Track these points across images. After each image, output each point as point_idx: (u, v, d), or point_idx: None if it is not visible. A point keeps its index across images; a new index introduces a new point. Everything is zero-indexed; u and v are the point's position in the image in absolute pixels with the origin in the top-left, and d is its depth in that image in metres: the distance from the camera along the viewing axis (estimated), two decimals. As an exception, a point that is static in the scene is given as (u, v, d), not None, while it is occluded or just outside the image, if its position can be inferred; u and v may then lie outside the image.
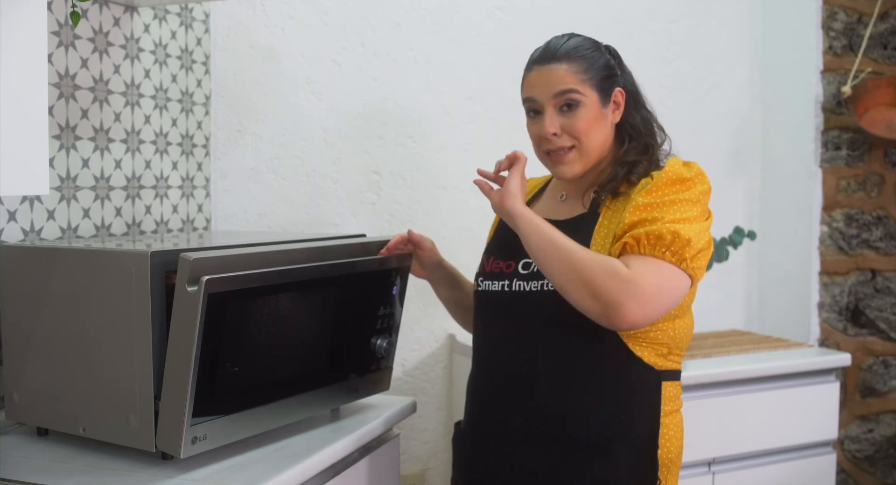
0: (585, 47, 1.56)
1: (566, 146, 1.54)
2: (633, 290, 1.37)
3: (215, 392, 1.34)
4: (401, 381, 2.55)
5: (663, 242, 1.40)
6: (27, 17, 1.26)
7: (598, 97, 1.53)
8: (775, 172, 2.99)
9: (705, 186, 1.50)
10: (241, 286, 1.33)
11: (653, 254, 1.40)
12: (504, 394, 1.55)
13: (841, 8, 2.86)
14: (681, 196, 1.46)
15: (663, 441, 1.51)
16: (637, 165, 1.53)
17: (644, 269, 1.39)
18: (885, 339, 2.89)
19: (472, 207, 2.64)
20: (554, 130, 1.53)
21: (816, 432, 2.53)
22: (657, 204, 1.44)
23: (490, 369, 1.59)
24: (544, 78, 1.54)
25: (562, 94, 1.52)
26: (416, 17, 2.55)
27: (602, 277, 1.38)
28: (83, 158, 1.83)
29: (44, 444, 1.50)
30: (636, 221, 1.44)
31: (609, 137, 1.57)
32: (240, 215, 2.34)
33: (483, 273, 1.62)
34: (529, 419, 1.51)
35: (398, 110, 2.54)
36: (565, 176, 1.57)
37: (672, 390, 1.53)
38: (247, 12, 2.32)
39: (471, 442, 1.62)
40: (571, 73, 1.52)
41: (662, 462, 1.51)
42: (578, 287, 1.39)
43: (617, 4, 2.78)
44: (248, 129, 2.34)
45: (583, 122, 1.52)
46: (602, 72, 1.55)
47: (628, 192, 1.50)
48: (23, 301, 1.51)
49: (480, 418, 1.60)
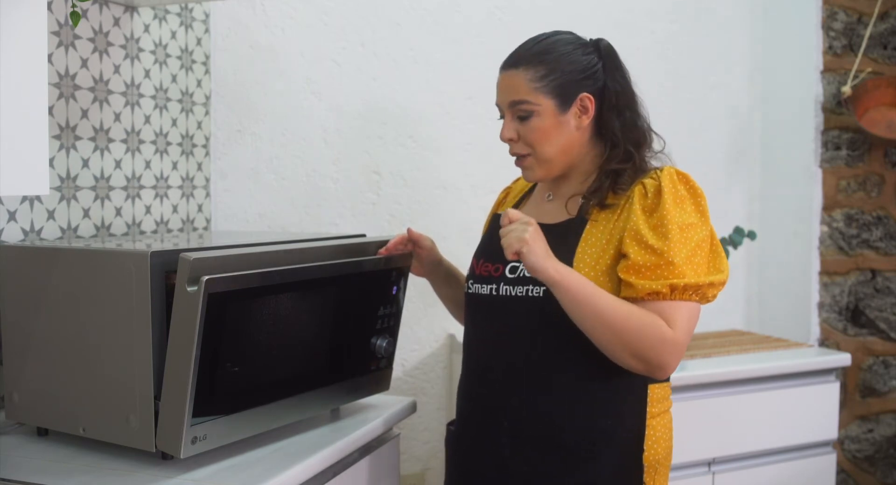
0: (555, 49, 1.52)
1: (522, 153, 1.55)
2: (676, 349, 1.41)
3: (215, 392, 1.34)
4: (401, 381, 2.55)
5: (687, 290, 1.41)
6: (27, 17, 1.26)
7: (556, 103, 1.51)
8: (775, 172, 2.99)
9: (703, 201, 1.48)
10: (240, 286, 1.33)
11: (682, 298, 1.41)
12: (491, 396, 1.55)
13: (841, 8, 2.86)
14: (687, 220, 1.44)
15: (650, 443, 1.50)
16: (621, 174, 1.52)
17: (680, 321, 1.41)
18: (885, 339, 2.89)
19: (472, 207, 2.64)
20: (510, 136, 1.55)
21: (816, 432, 2.53)
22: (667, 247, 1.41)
23: (478, 371, 1.60)
24: (503, 85, 1.57)
25: (514, 104, 1.53)
26: (416, 17, 2.55)
27: (648, 344, 1.39)
28: (83, 158, 1.83)
29: (44, 444, 1.50)
30: (651, 265, 1.41)
31: (576, 141, 1.54)
32: (240, 215, 2.34)
33: (472, 276, 1.62)
34: (515, 422, 1.51)
35: (398, 110, 2.54)
36: (529, 180, 1.59)
37: (659, 392, 1.53)
38: (247, 12, 2.32)
39: (461, 443, 1.62)
40: (526, 81, 1.51)
41: (649, 464, 1.50)
42: (623, 353, 1.41)
43: (617, 4, 2.78)
44: (248, 129, 2.34)
45: (534, 131, 1.52)
46: (567, 76, 1.51)
47: (616, 203, 1.50)
48: (23, 301, 1.51)
49: (469, 419, 1.61)
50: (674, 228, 1.42)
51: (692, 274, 1.41)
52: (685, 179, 1.49)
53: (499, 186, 2.65)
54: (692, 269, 1.41)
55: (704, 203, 1.48)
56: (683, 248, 1.42)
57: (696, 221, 1.45)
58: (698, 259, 1.43)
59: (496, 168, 2.66)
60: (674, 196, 1.45)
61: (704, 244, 1.45)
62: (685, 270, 1.40)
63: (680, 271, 1.40)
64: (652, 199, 1.46)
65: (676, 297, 1.41)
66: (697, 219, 1.45)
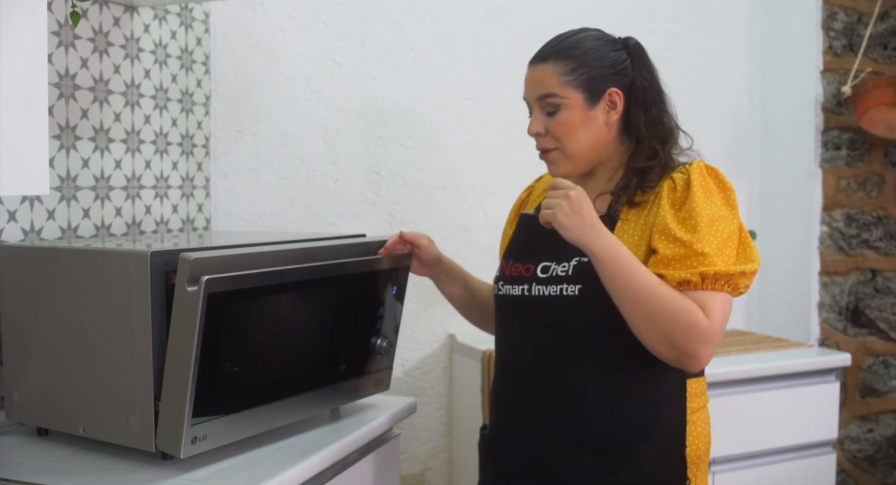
0: (584, 44, 1.53)
1: (549, 148, 1.55)
2: (709, 340, 1.39)
3: (215, 392, 1.34)
4: (401, 381, 2.55)
5: (719, 280, 1.40)
6: (27, 17, 1.26)
7: (584, 97, 1.51)
8: (775, 172, 2.99)
9: (733, 195, 1.48)
10: (240, 286, 1.33)
11: (713, 288, 1.40)
12: (529, 397, 1.54)
13: (841, 8, 2.86)
14: (717, 213, 1.43)
15: (691, 439, 1.51)
16: (648, 172, 1.51)
17: (713, 311, 1.39)
18: (885, 339, 2.89)
19: (472, 207, 2.64)
20: (537, 131, 1.54)
21: (816, 432, 2.53)
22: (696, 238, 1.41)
23: (514, 372, 1.58)
24: (532, 79, 1.55)
25: (543, 97, 1.52)
26: (416, 17, 2.55)
27: (681, 331, 1.37)
28: (83, 158, 1.83)
29: (44, 444, 1.50)
30: (680, 256, 1.40)
31: (604, 137, 1.54)
32: (240, 215, 2.34)
33: (503, 277, 1.60)
34: (555, 422, 1.50)
35: (398, 110, 2.54)
36: (555, 175, 1.57)
37: (697, 387, 1.53)
38: (247, 12, 2.32)
39: (497, 447, 1.60)
40: (555, 75, 1.51)
41: (691, 460, 1.50)
42: (656, 337, 1.39)
43: (617, 5, 2.78)
44: (248, 129, 2.34)
45: (562, 126, 1.51)
46: (596, 70, 1.51)
47: (645, 200, 1.49)
48: (23, 301, 1.51)
49: (507, 421, 1.59)
50: (703, 221, 1.42)
51: (722, 263, 1.40)
52: (714, 173, 1.49)
53: (498, 185, 2.67)
54: (722, 259, 1.41)
55: (734, 197, 1.48)
56: (714, 239, 1.41)
57: (726, 214, 1.45)
58: (728, 251, 1.42)
59: (496, 168, 2.66)
60: (704, 189, 1.45)
61: (734, 237, 1.45)
62: (715, 259, 1.40)
63: (710, 260, 1.40)
64: (681, 192, 1.46)
65: (708, 286, 1.39)
66: (727, 212, 1.45)
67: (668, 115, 1.58)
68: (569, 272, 1.48)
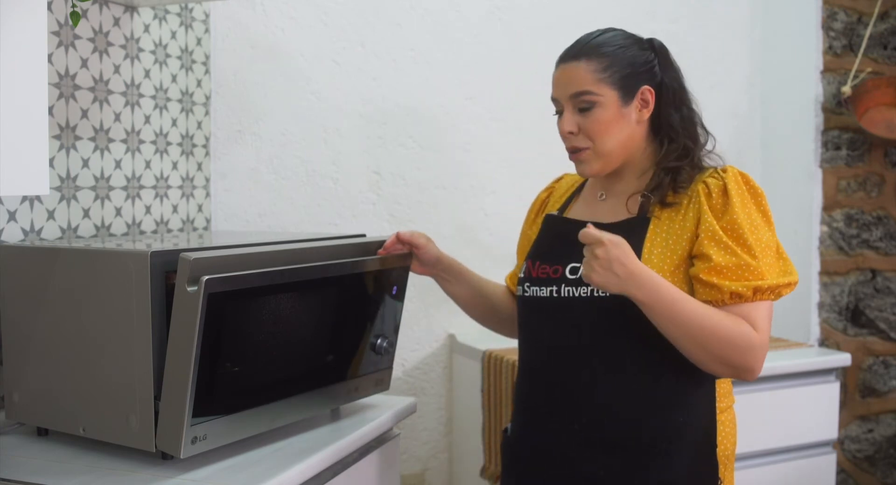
0: (615, 42, 1.52)
1: (581, 147, 1.52)
2: (761, 352, 1.42)
3: (215, 392, 1.34)
4: (401, 381, 2.55)
5: (767, 291, 1.42)
6: (27, 17, 1.26)
7: (619, 95, 1.50)
8: (775, 172, 2.99)
9: (765, 201, 1.49)
10: (240, 286, 1.33)
11: (760, 299, 1.42)
12: (558, 399, 1.52)
13: (841, 8, 2.86)
14: (755, 221, 1.45)
15: (720, 438, 1.51)
16: (680, 171, 1.51)
17: (761, 322, 1.41)
18: (885, 339, 2.89)
19: (472, 207, 2.64)
20: (570, 129, 1.52)
21: (816, 432, 2.53)
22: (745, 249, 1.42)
23: (541, 374, 1.57)
24: (564, 77, 1.53)
25: (577, 95, 1.50)
26: (416, 17, 2.55)
27: (739, 353, 1.40)
28: (83, 158, 1.83)
29: (44, 444, 1.50)
30: (732, 266, 1.41)
31: (635, 136, 1.53)
32: (240, 215, 2.34)
33: (529, 279, 1.57)
34: (586, 424, 1.49)
35: (398, 110, 2.54)
36: (585, 174, 1.56)
37: (725, 387, 1.54)
38: (247, 12, 2.33)
39: (526, 448, 1.59)
40: (589, 72, 1.50)
41: (720, 460, 1.50)
42: (711, 361, 1.42)
43: (617, 5, 2.78)
44: (248, 129, 2.34)
45: (597, 123, 1.50)
46: (628, 68, 1.51)
47: (678, 202, 1.49)
48: (23, 301, 1.51)
49: (534, 423, 1.57)
50: (746, 230, 1.43)
51: (771, 275, 1.42)
52: (748, 180, 1.50)
53: (498, 185, 2.67)
54: (769, 269, 1.42)
55: (766, 203, 1.49)
56: (759, 250, 1.43)
57: (761, 222, 1.46)
58: (769, 259, 1.44)
59: (496, 168, 2.66)
60: (741, 197, 1.46)
61: (772, 245, 1.46)
62: (764, 271, 1.41)
63: (760, 273, 1.41)
64: (718, 199, 1.46)
65: (757, 298, 1.41)
66: (761, 219, 1.46)
67: (696, 114, 1.59)
68: None
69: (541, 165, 1.63)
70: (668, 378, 1.47)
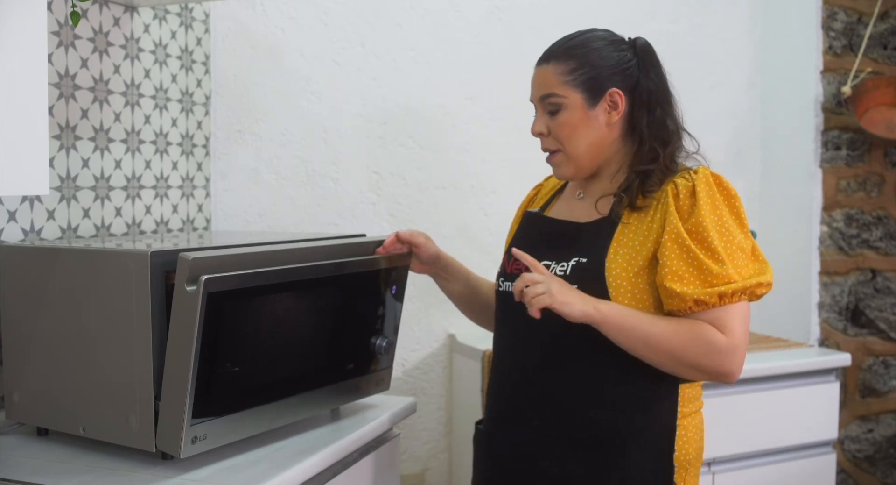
0: (588, 44, 1.52)
1: (552, 148, 1.55)
2: (734, 355, 1.42)
3: (215, 392, 1.34)
4: (401, 381, 2.55)
5: (736, 294, 1.42)
6: (27, 17, 1.26)
7: (584, 97, 1.50)
8: (775, 172, 2.99)
9: (739, 203, 1.48)
10: (240, 286, 1.33)
11: (731, 302, 1.42)
12: (522, 395, 1.54)
13: (841, 8, 2.86)
14: (724, 223, 1.44)
15: (680, 443, 1.50)
16: (649, 175, 1.50)
17: (733, 325, 1.41)
18: (885, 339, 2.89)
19: (472, 207, 2.64)
20: (539, 130, 1.55)
21: (816, 432, 2.53)
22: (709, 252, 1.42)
23: (508, 369, 1.59)
24: (536, 79, 1.56)
25: (544, 97, 1.53)
26: (416, 17, 2.55)
27: (704, 358, 1.41)
28: (83, 158, 1.83)
29: (44, 444, 1.50)
30: (694, 270, 1.41)
31: (607, 138, 1.53)
32: (240, 215, 2.34)
33: (504, 274, 1.60)
34: (546, 421, 1.50)
35: (398, 110, 2.54)
36: (560, 177, 1.59)
37: (690, 392, 1.53)
38: (247, 12, 2.33)
39: (490, 442, 1.61)
40: (556, 74, 1.51)
41: (680, 464, 1.50)
42: (683, 369, 1.43)
43: (617, 5, 2.78)
44: (248, 129, 2.35)
45: (563, 126, 1.52)
46: (597, 70, 1.50)
47: (647, 205, 1.48)
48: (23, 301, 1.51)
49: (499, 417, 1.60)
50: (713, 232, 1.41)
51: (738, 277, 1.41)
52: (719, 181, 1.48)
53: (498, 185, 2.67)
54: (737, 272, 1.41)
55: (740, 205, 1.47)
56: (724, 252, 1.41)
57: (732, 224, 1.44)
58: (740, 261, 1.43)
59: (496, 168, 2.66)
60: (710, 199, 1.44)
61: (746, 246, 1.45)
62: (731, 274, 1.40)
63: (726, 277, 1.40)
64: (686, 200, 1.45)
65: (726, 302, 1.41)
66: (734, 221, 1.45)
67: (672, 117, 1.56)
68: (567, 272, 1.48)
69: (541, 165, 1.62)
70: (629, 380, 1.47)
